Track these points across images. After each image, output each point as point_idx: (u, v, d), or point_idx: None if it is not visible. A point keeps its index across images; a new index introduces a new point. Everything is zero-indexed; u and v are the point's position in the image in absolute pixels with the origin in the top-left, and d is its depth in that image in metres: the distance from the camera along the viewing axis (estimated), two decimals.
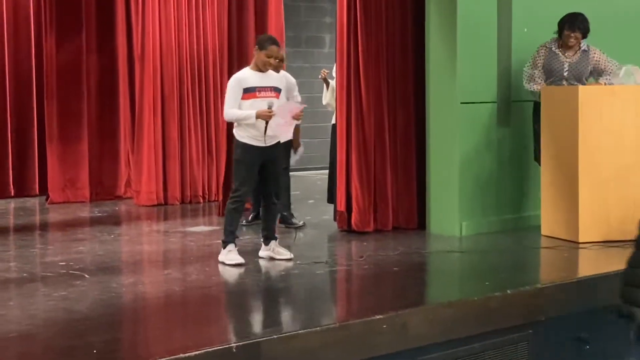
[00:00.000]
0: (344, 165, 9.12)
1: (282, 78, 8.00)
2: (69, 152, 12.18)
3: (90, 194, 12.22)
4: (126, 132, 12.54)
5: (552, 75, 8.92)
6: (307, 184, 9.23)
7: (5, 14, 12.50)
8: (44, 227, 10.54)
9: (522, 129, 9.29)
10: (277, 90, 7.69)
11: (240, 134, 7.65)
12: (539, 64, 8.92)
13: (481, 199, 9.05)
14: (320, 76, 10.22)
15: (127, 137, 12.53)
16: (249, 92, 7.57)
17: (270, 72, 7.75)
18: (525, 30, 9.28)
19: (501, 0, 9.13)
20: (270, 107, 7.51)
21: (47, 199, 12.04)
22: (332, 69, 10.32)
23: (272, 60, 7.65)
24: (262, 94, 7.59)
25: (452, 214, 8.91)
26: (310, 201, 9.53)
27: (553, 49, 8.94)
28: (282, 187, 9.13)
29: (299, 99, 9.05)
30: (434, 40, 9.01)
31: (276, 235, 7.91)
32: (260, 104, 7.52)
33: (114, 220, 10.59)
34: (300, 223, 9.39)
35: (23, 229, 10.13)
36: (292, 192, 9.66)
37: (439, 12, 8.96)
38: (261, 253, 7.82)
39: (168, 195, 11.76)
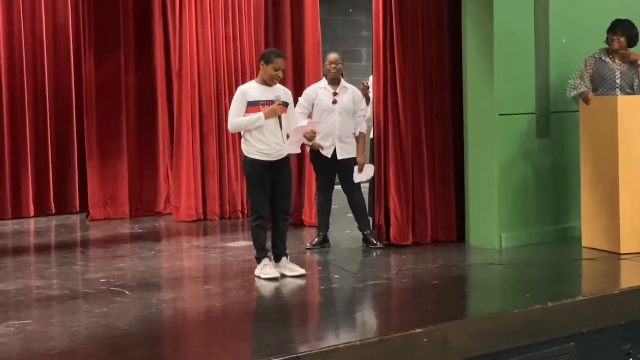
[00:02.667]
0: (381, 178, 9.11)
1: (287, 93, 7.91)
2: (109, 169, 12.26)
3: (130, 211, 12.30)
4: (165, 149, 12.61)
5: (603, 84, 8.80)
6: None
7: (45, 34, 12.63)
8: (85, 244, 10.60)
9: (561, 140, 9.24)
10: (284, 104, 7.70)
11: (247, 150, 7.65)
12: (585, 76, 8.79)
13: (521, 210, 9.00)
14: (361, 87, 10.20)
15: (165, 154, 12.60)
16: (253, 105, 7.58)
17: (277, 86, 7.74)
18: (564, 40, 9.23)
19: (538, 10, 9.09)
20: (277, 101, 7.55)
21: (87, 216, 12.12)
22: (369, 81, 10.36)
23: (279, 73, 7.66)
24: (266, 108, 7.59)
25: (491, 226, 8.87)
26: (349, 215, 9.50)
27: (602, 57, 8.83)
28: (359, 207, 9.11)
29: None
30: (470, 52, 8.99)
31: (287, 251, 7.88)
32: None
33: (154, 237, 10.63)
34: (381, 245, 9.06)
35: (64, 246, 10.19)
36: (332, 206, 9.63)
37: (476, 24, 8.93)
38: (270, 270, 7.67)
39: (207, 211, 11.80)
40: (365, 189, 9.68)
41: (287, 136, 7.71)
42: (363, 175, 9.01)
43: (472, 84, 8.99)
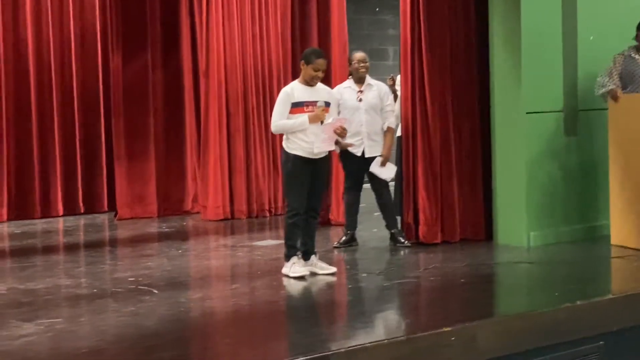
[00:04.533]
0: (410, 177, 9.10)
1: (331, 92, 7.96)
2: (137, 168, 12.32)
3: (158, 210, 12.35)
4: (192, 148, 12.65)
5: (633, 82, 8.75)
6: (374, 196, 9.19)
7: (73, 33, 12.70)
8: (113, 243, 10.65)
9: (589, 138, 9.20)
10: (326, 104, 7.70)
11: (290, 147, 7.66)
12: (614, 73, 8.72)
13: (549, 209, 8.96)
14: (388, 83, 10.18)
15: (193, 153, 12.64)
16: (297, 106, 7.60)
17: (319, 86, 7.75)
18: (592, 38, 9.17)
19: (566, 8, 9.04)
20: (320, 107, 7.58)
21: (115, 215, 12.18)
22: (397, 79, 10.34)
23: (319, 74, 7.66)
24: (310, 108, 7.60)
25: (519, 224, 8.83)
26: (376, 214, 9.49)
27: (632, 55, 8.78)
28: (387, 206, 9.11)
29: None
30: (498, 50, 8.95)
31: (316, 250, 7.88)
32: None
33: (182, 236, 10.66)
34: (409, 244, 9.04)
35: (92, 245, 10.24)
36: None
37: (503, 22, 8.90)
38: (299, 269, 7.67)
39: (235, 210, 11.82)
40: (392, 187, 9.67)
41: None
42: (383, 171, 8.95)
43: (500, 82, 8.96)
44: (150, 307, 6.63)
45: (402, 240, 9.03)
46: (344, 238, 9.18)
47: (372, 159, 8.95)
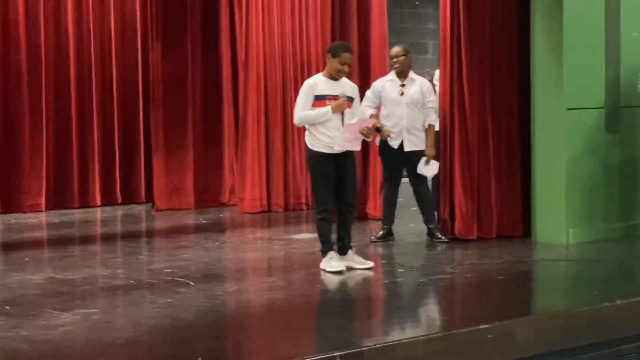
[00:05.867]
0: (447, 172, 9.05)
1: (354, 88, 7.89)
2: (175, 160, 12.35)
3: (195, 201, 12.37)
4: (230, 140, 12.66)
5: None
6: (411, 190, 9.15)
7: (113, 25, 12.75)
8: (150, 234, 10.69)
9: (631, 135, 9.10)
10: (350, 99, 7.66)
11: (312, 143, 7.64)
12: None
13: (588, 206, 8.88)
14: (426, 78, 10.13)
15: (231, 145, 12.65)
16: (320, 99, 7.56)
17: (343, 80, 7.71)
18: (635, 34, 9.07)
19: (609, 4, 8.95)
20: (343, 97, 7.54)
21: (153, 206, 12.22)
22: (435, 74, 10.28)
23: (345, 68, 7.61)
24: (333, 102, 7.56)
25: (558, 221, 8.76)
26: (413, 208, 9.46)
27: None
28: (424, 201, 9.08)
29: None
30: (539, 45, 8.88)
31: (352, 244, 7.84)
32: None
33: (218, 228, 10.69)
34: (446, 239, 8.99)
35: (130, 236, 10.29)
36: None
37: (545, 17, 8.82)
38: (335, 264, 7.61)
39: (271, 203, 11.82)
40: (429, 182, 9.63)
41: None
42: (428, 169, 8.92)
43: (540, 78, 8.88)
44: (186, 299, 6.64)
45: (439, 236, 8.99)
46: (381, 232, 9.15)
47: (411, 152, 8.91)
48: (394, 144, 8.90)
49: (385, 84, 9.10)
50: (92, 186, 12.57)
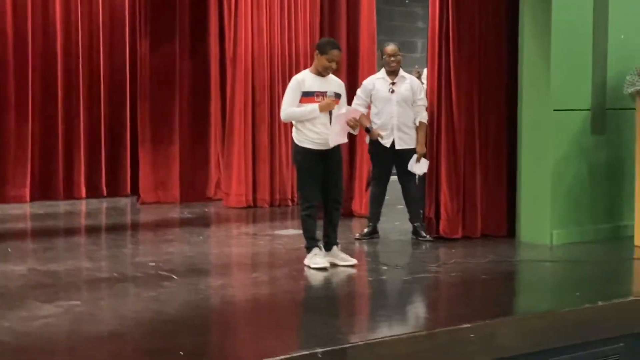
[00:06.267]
0: (433, 171, 9.06)
1: (341, 85, 7.87)
2: (161, 153, 12.34)
3: (181, 196, 12.37)
4: (217, 135, 12.67)
5: None
6: (398, 189, 9.16)
7: (102, 18, 12.72)
8: (135, 227, 10.68)
9: (617, 138, 9.13)
10: (337, 96, 7.66)
11: (299, 138, 7.63)
12: None
13: (573, 207, 8.91)
14: (414, 75, 10.14)
15: (217, 140, 12.65)
16: (307, 95, 7.56)
17: (331, 77, 7.70)
18: (623, 37, 9.10)
19: (598, 6, 8.97)
20: (330, 97, 7.55)
21: (138, 200, 12.21)
22: (423, 72, 10.29)
23: (333, 65, 7.61)
24: (321, 99, 7.55)
25: (543, 222, 8.79)
26: (399, 206, 9.47)
27: None
28: (411, 199, 9.08)
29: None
30: (527, 46, 8.89)
31: (338, 241, 7.84)
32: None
33: (203, 222, 10.68)
34: (430, 238, 9.01)
35: (114, 229, 10.27)
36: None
37: (534, 18, 8.83)
38: (319, 260, 7.60)
39: (257, 198, 11.83)
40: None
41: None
42: (418, 167, 8.92)
43: (528, 79, 8.90)
44: (170, 292, 6.63)
45: (424, 234, 9.01)
46: (366, 230, 9.16)
47: (402, 151, 8.92)
48: (386, 142, 8.90)
49: (376, 81, 9.10)
50: (78, 178, 12.56)
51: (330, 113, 7.56)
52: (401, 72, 9.13)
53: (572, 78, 8.84)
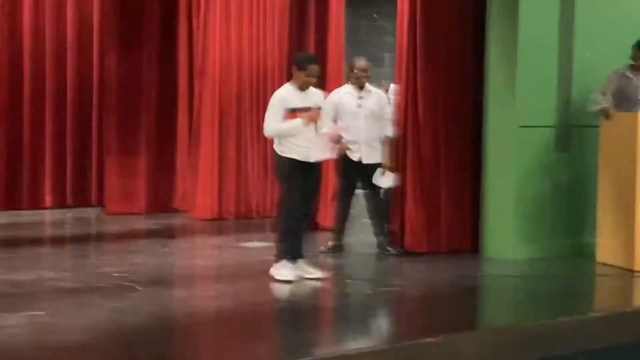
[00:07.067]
0: (399, 184, 9.09)
1: (321, 96, 7.90)
2: (127, 164, 12.27)
3: (147, 206, 12.30)
4: (183, 146, 12.60)
5: (627, 101, 8.75)
6: (363, 202, 9.19)
7: (70, 28, 12.65)
8: (100, 238, 10.63)
9: (580, 155, 9.19)
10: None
11: (283, 150, 7.63)
12: (608, 91, 8.73)
13: (537, 223, 8.97)
14: (383, 88, 10.17)
15: (184, 151, 12.59)
16: (291, 112, 7.57)
17: (311, 90, 7.72)
18: (588, 55, 9.18)
19: (564, 24, 9.05)
20: (316, 111, 7.59)
21: (104, 210, 12.15)
22: (390, 87, 10.31)
23: (312, 80, 7.64)
24: (304, 114, 7.58)
25: (507, 237, 8.84)
26: (364, 220, 9.50)
27: (626, 74, 8.80)
28: (376, 213, 9.10)
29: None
30: (493, 63, 8.96)
31: (304, 253, 7.84)
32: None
33: (169, 233, 10.65)
34: (395, 252, 9.03)
35: (79, 239, 10.22)
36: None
37: (500, 35, 8.90)
38: (286, 272, 7.62)
39: (223, 210, 11.80)
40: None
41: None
42: (383, 180, 8.95)
43: (494, 95, 8.96)
44: (133, 303, 6.62)
45: (389, 248, 9.03)
46: (331, 243, 9.17)
47: (370, 165, 8.95)
48: (355, 156, 8.91)
49: (343, 95, 9.11)
50: (43, 188, 12.46)
51: (316, 125, 7.58)
52: (367, 86, 9.15)
53: (537, 95, 8.91)
